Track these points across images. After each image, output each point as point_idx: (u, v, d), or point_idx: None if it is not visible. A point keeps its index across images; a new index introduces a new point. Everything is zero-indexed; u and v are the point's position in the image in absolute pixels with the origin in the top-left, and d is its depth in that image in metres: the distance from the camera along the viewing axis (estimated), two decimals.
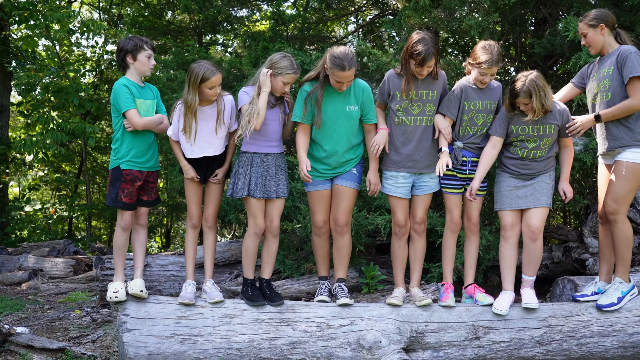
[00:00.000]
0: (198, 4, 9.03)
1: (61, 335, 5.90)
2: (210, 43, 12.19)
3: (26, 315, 6.86)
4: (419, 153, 4.89)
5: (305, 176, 4.82)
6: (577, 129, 4.75)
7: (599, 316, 4.76)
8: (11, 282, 8.91)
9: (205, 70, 4.71)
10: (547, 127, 4.74)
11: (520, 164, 4.85)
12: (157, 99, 4.98)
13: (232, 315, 4.75)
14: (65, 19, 11.02)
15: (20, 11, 11.06)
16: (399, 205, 4.96)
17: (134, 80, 4.85)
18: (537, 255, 4.83)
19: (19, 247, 10.64)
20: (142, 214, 5.02)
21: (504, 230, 4.90)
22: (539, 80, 4.60)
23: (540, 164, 4.83)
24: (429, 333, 4.70)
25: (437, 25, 6.46)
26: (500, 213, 4.93)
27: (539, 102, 4.59)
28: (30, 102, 12.36)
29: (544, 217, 4.84)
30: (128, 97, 4.74)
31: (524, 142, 4.79)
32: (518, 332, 4.71)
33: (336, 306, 4.83)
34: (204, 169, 4.97)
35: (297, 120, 4.91)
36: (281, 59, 4.80)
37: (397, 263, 5.06)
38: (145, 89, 4.92)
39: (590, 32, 4.80)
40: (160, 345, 4.61)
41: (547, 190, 4.84)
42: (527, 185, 4.84)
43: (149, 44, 4.83)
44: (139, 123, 4.73)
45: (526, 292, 4.84)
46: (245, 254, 4.99)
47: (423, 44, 4.62)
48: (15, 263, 9.45)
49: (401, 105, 4.86)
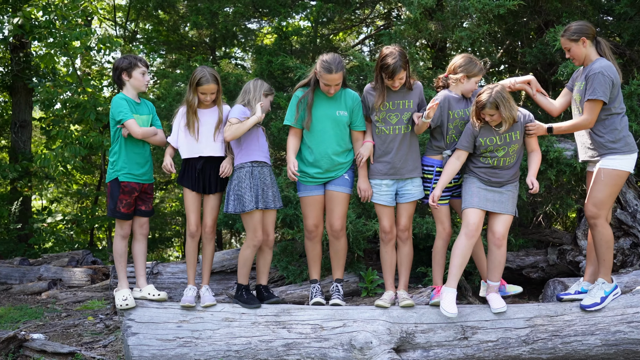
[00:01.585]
0: (206, 20, 9.34)
1: (75, 340, 6.20)
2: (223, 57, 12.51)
3: (43, 322, 7.18)
4: (400, 160, 5.12)
5: (292, 174, 5.10)
6: (531, 130, 4.97)
7: (582, 315, 4.93)
8: (32, 292, 9.26)
9: (203, 75, 5.10)
10: (512, 134, 4.93)
11: (490, 172, 5.00)
12: (152, 114, 5.29)
13: (231, 318, 5.00)
14: (83, 37, 11.39)
15: (40, 29, 11.45)
16: (383, 213, 5.20)
17: (130, 96, 5.16)
18: (502, 261, 5.00)
19: (39, 258, 11.00)
20: (143, 224, 5.29)
21: (467, 229, 4.92)
22: (503, 92, 4.82)
23: (510, 172, 5.01)
24: (418, 334, 4.91)
25: (429, 38, 6.70)
26: (468, 211, 4.98)
27: (507, 112, 4.79)
28: (50, 117, 12.76)
29: (508, 224, 5.00)
30: (125, 109, 5.05)
31: (494, 152, 4.97)
32: (505, 332, 4.90)
33: (330, 309, 5.07)
34: (202, 179, 5.23)
35: (289, 124, 5.24)
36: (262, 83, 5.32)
37: (385, 268, 5.29)
38: (141, 105, 5.23)
39: (572, 46, 4.97)
40: (163, 348, 4.88)
41: (513, 199, 5.04)
42: (495, 192, 5.00)
43: (142, 62, 5.15)
44: (139, 132, 5.05)
45: (492, 297, 5.02)
46: (242, 265, 5.24)
47: (391, 57, 4.89)
48: (36, 273, 9.80)
49: (379, 116, 5.13)
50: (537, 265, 6.84)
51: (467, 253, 4.94)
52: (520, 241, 6.84)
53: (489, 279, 5.07)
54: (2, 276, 10.05)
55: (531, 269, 6.86)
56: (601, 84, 4.75)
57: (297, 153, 5.26)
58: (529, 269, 6.86)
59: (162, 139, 5.29)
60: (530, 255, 6.93)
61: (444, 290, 4.92)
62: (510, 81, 5.29)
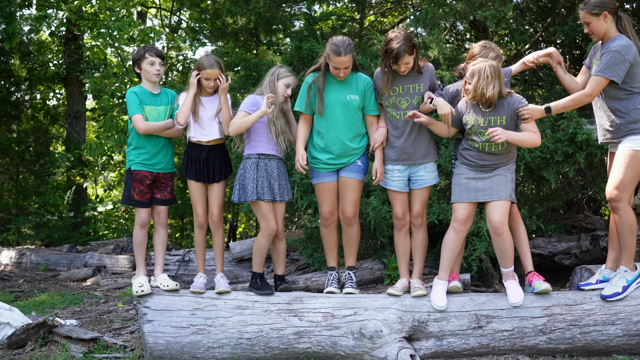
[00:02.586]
0: (240, 6, 9.34)
1: (105, 326, 6.36)
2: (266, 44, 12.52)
3: (80, 308, 7.40)
4: (411, 145, 5.03)
5: (301, 167, 5.07)
6: (524, 115, 4.72)
7: (603, 304, 4.74)
8: (77, 278, 9.57)
9: (206, 60, 5.17)
10: (497, 119, 4.75)
11: (476, 155, 4.85)
12: (170, 105, 5.31)
13: (243, 306, 5.02)
14: (126, 28, 11.60)
15: (85, 21, 11.73)
16: (396, 199, 5.11)
17: (146, 87, 5.22)
18: (507, 248, 4.82)
19: (87, 246, 11.36)
20: (161, 212, 5.36)
21: (456, 223, 4.84)
22: (490, 68, 4.61)
23: (498, 156, 4.83)
24: (431, 322, 4.82)
25: (455, 18, 6.51)
26: (456, 205, 4.88)
27: (479, 86, 4.60)
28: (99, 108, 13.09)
29: (506, 210, 4.80)
30: (134, 103, 5.13)
31: (477, 134, 4.80)
32: (521, 321, 4.76)
33: (342, 297, 5.03)
34: (206, 168, 5.25)
35: (299, 109, 5.21)
36: (278, 67, 5.28)
37: (399, 255, 5.21)
38: (160, 96, 5.27)
39: (593, 20, 4.72)
40: (177, 335, 4.95)
41: (506, 183, 4.81)
42: (486, 178, 4.82)
43: (152, 52, 5.17)
44: (142, 128, 5.10)
45: (510, 286, 4.85)
46: (257, 253, 5.26)
47: (396, 41, 4.78)
48: (82, 260, 10.12)
49: (390, 101, 5.04)
50: (570, 252, 6.61)
51: (454, 247, 4.88)
52: (552, 227, 6.62)
53: (501, 267, 4.93)
54: (52, 263, 10.43)
55: (564, 255, 6.63)
56: (615, 62, 4.52)
57: (305, 141, 5.23)
58: (561, 256, 6.63)
59: (177, 131, 5.33)
60: (562, 241, 6.69)
61: (435, 282, 4.86)
62: (533, 55, 5.10)
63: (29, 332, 5.61)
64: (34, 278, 9.86)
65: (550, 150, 5.96)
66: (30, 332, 5.61)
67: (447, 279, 4.94)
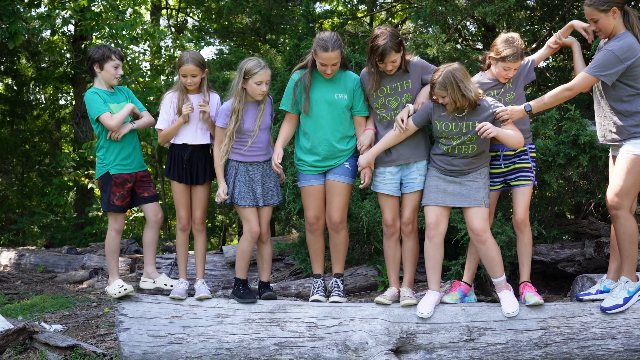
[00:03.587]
0: (241, 5, 9.14)
1: (90, 332, 6.18)
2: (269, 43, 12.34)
3: (69, 312, 7.22)
4: (403, 146, 4.76)
5: (276, 166, 4.85)
6: (502, 116, 4.45)
7: (602, 317, 4.45)
8: (74, 280, 9.42)
9: (183, 56, 4.98)
10: (469, 124, 4.50)
11: (445, 160, 4.62)
12: (131, 98, 5.14)
13: (224, 315, 4.80)
14: (128, 28, 11.46)
15: (87, 21, 11.60)
16: (386, 204, 4.85)
17: (102, 88, 5.01)
18: (493, 255, 4.57)
19: (87, 247, 11.22)
20: (157, 212, 5.19)
21: (428, 229, 4.63)
22: (457, 72, 4.38)
23: (468, 161, 4.58)
24: (420, 334, 4.56)
25: (454, 15, 6.24)
26: (426, 209, 4.67)
27: (456, 94, 4.37)
28: None
29: (485, 216, 4.57)
30: (98, 103, 4.90)
31: (448, 138, 4.57)
32: (515, 334, 4.49)
33: (327, 306, 4.80)
34: (189, 170, 5.04)
35: (284, 108, 4.97)
36: (247, 61, 4.86)
37: (388, 264, 4.96)
38: (116, 93, 5.08)
39: (601, 17, 4.38)
40: (154, 344, 4.74)
41: (477, 189, 4.58)
42: (456, 182, 4.60)
43: (117, 54, 4.98)
44: (113, 124, 4.89)
45: (504, 296, 4.59)
46: (240, 257, 5.03)
47: (381, 38, 4.52)
48: (80, 262, 9.98)
49: (379, 102, 4.78)
50: (574, 259, 6.31)
51: (433, 254, 4.65)
52: (555, 233, 6.33)
53: (491, 277, 4.66)
54: (50, 264, 10.31)
55: (567, 262, 6.34)
56: (608, 63, 4.24)
57: (286, 142, 4.99)
58: (564, 263, 6.34)
59: (147, 119, 5.14)
60: (565, 248, 6.40)
61: (426, 294, 4.65)
62: (556, 36, 4.79)
63: (8, 338, 5.42)
64: (32, 280, 9.73)
65: (552, 153, 5.67)
66: (10, 338, 5.43)
67: (437, 288, 4.69)
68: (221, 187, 4.90)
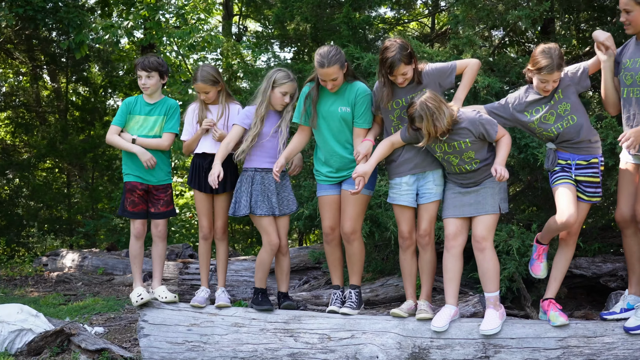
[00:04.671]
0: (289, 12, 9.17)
1: (127, 336, 6.35)
2: None
3: (115, 315, 7.45)
4: (420, 156, 4.67)
5: (275, 175, 4.86)
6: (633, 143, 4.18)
7: (626, 338, 4.21)
8: (129, 283, 9.69)
9: (195, 73, 5.16)
10: (460, 143, 4.39)
11: (457, 177, 4.56)
12: (164, 116, 5.19)
13: (240, 324, 4.85)
14: (186, 37, 11.74)
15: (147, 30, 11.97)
16: (402, 215, 4.76)
17: (144, 97, 5.18)
18: (489, 267, 4.43)
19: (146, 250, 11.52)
20: (159, 225, 5.28)
21: (446, 240, 4.56)
22: (429, 101, 4.28)
23: (478, 172, 4.49)
24: (434, 349, 4.46)
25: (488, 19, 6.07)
26: (445, 221, 4.60)
27: (431, 125, 4.28)
28: None
29: (490, 224, 4.47)
30: (119, 113, 5.18)
31: (445, 159, 4.48)
32: (532, 352, 4.31)
33: (342, 318, 4.76)
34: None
35: (295, 121, 5.00)
36: (276, 71, 4.98)
37: (405, 277, 4.87)
38: (155, 106, 5.19)
39: (636, 9, 4.14)
40: (172, 351, 4.84)
41: (493, 195, 4.48)
42: (472, 192, 4.52)
43: (139, 66, 5.11)
44: (107, 137, 5.17)
45: (487, 314, 4.43)
46: (259, 267, 5.07)
47: (390, 50, 4.44)
48: None
49: (394, 115, 4.70)
50: (616, 274, 5.98)
51: (451, 267, 4.56)
52: (596, 245, 6.03)
53: (484, 291, 4.52)
54: (109, 267, 10.65)
55: (609, 277, 6.02)
56: None
57: (293, 153, 5.01)
58: (606, 278, 6.02)
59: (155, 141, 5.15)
60: (608, 262, 6.08)
61: (443, 308, 4.54)
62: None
63: (46, 340, 5.64)
64: (91, 281, 10.08)
65: None
66: (48, 340, 5.65)
67: (454, 302, 4.58)
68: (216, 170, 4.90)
